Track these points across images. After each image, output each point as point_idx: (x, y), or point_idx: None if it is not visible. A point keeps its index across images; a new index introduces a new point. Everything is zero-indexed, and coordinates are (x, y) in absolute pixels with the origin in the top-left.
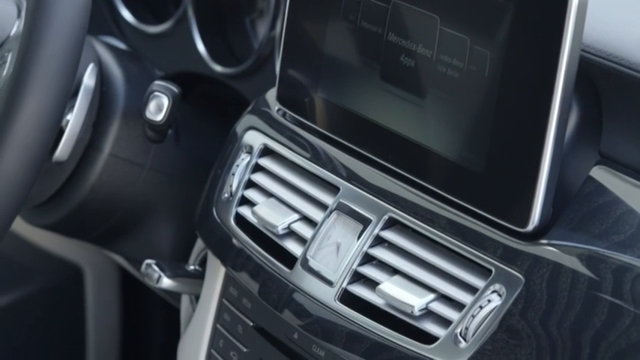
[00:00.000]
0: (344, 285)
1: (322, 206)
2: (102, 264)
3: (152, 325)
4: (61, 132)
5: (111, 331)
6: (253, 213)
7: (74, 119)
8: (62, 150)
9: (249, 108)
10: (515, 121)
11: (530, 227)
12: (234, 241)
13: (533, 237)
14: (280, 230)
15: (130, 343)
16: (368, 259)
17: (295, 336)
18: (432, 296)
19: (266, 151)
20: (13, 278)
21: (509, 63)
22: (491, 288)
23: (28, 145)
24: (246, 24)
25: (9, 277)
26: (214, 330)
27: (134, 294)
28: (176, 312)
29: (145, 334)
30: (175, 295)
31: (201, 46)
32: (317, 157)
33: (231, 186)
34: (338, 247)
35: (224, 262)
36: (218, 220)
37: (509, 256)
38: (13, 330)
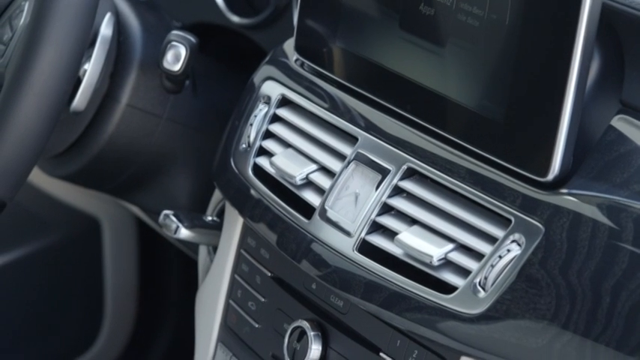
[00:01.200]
0: (362, 235)
1: (340, 156)
2: (119, 216)
3: (169, 277)
4: (79, 82)
5: (128, 283)
6: (271, 163)
7: (91, 69)
8: (80, 100)
9: (267, 58)
10: (536, 69)
11: (551, 176)
12: (252, 191)
13: (554, 186)
14: (298, 181)
15: (148, 295)
16: (386, 209)
17: (313, 286)
18: (450, 246)
19: (284, 102)
20: (30, 230)
21: (529, 11)
22: (511, 238)
23: (46, 94)
24: None
25: (27, 229)
26: (232, 280)
27: (151, 246)
28: (193, 264)
29: (162, 286)
30: (193, 247)
31: None
32: (335, 107)
33: (248, 137)
34: (356, 198)
35: (242, 212)
36: (236, 171)
37: (529, 205)
38: (31, 282)
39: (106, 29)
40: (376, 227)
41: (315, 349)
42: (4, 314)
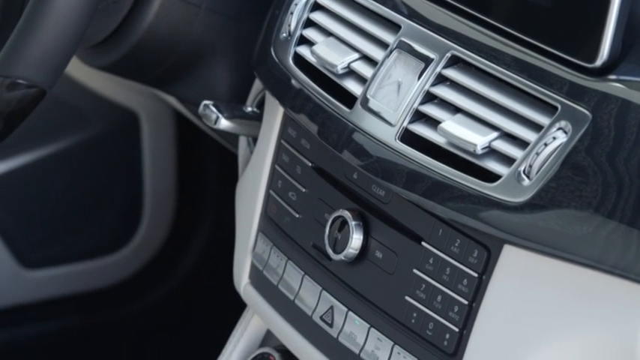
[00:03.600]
0: (405, 124)
1: (383, 45)
2: (158, 110)
3: (208, 171)
4: None
5: (167, 177)
6: (312, 52)
7: None
8: None
9: None
10: None
11: (599, 62)
12: (293, 81)
13: (602, 72)
14: (340, 69)
15: (186, 189)
16: (429, 97)
17: (355, 176)
18: (495, 134)
19: None
20: (69, 123)
21: None
22: (557, 125)
23: None
24: None
25: (66, 122)
26: (273, 171)
27: (190, 140)
28: (232, 157)
29: (201, 180)
30: (232, 139)
31: None
32: None
33: (289, 25)
34: (399, 86)
35: (283, 102)
36: (276, 61)
37: (576, 92)
38: (69, 175)
39: None
40: (419, 116)
41: (356, 238)
42: (43, 206)
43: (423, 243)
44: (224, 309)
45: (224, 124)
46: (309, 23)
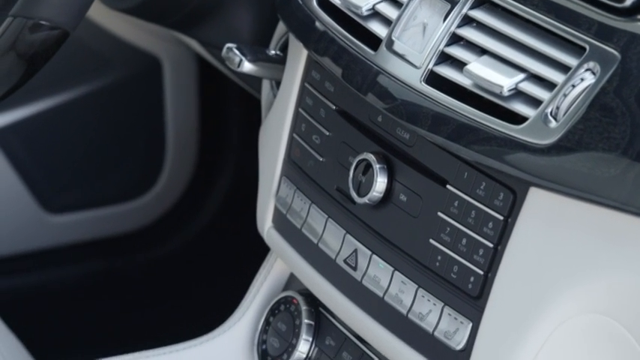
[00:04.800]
0: (430, 66)
1: None
2: (180, 55)
3: (230, 115)
4: None
5: (189, 122)
6: None
7: None
8: None
9: None
10: None
11: (628, 2)
12: (317, 23)
13: (631, 12)
14: (364, 11)
15: (209, 134)
16: (455, 39)
17: (379, 119)
18: (522, 76)
19: None
20: (92, 67)
21: None
22: (585, 66)
23: None
24: None
25: (88, 67)
26: (296, 114)
27: (212, 85)
28: (254, 101)
29: (223, 124)
30: (254, 83)
31: None
32: None
33: None
34: (424, 28)
35: (306, 45)
36: (300, 3)
37: (604, 32)
38: (91, 120)
39: None
40: (444, 58)
41: (380, 181)
42: (65, 152)
43: (448, 186)
44: (247, 253)
45: (247, 67)
46: None
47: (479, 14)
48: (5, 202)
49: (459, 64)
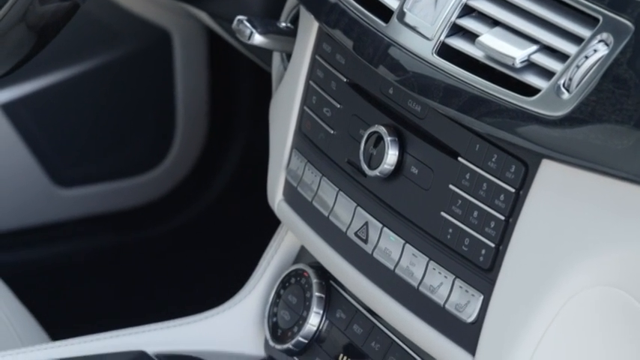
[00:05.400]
0: (442, 38)
1: None
2: (190, 28)
3: (241, 88)
4: None
5: (199, 96)
6: None
7: None
8: None
9: None
10: None
11: None
12: None
13: None
14: None
15: (219, 107)
16: (467, 11)
17: (390, 91)
18: (534, 47)
19: None
20: (102, 41)
21: None
22: (598, 37)
23: None
24: None
25: (98, 40)
26: (307, 87)
27: (222, 58)
28: (264, 74)
29: (233, 98)
30: (265, 56)
31: None
32: None
33: None
34: (436, 0)
35: (317, 17)
36: None
37: (618, 3)
38: (101, 94)
39: None
40: (456, 30)
41: (391, 154)
42: (75, 125)
43: (460, 158)
44: (258, 226)
45: (258, 39)
46: None
47: None
48: (15, 176)
49: (471, 36)
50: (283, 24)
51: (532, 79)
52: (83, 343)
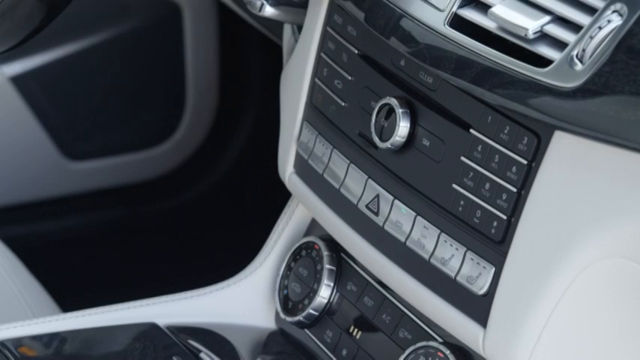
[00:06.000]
0: (454, 9)
1: None
2: (200, 1)
3: (251, 61)
4: None
5: (210, 69)
6: None
7: None
8: None
9: None
10: None
11: None
12: None
13: None
14: None
15: (229, 80)
16: None
17: (402, 63)
18: (547, 18)
19: None
20: (112, 14)
21: None
22: (612, 7)
23: None
24: None
25: (108, 13)
26: (318, 59)
27: (232, 31)
28: (275, 47)
29: (243, 71)
30: (276, 28)
31: None
32: None
33: None
34: None
35: None
36: None
37: None
38: (112, 67)
39: None
40: (469, 1)
41: (403, 126)
42: (86, 98)
43: (472, 130)
44: (268, 199)
45: (269, 11)
46: None
47: None
48: (25, 149)
49: (484, 7)
50: None
51: (545, 51)
52: (94, 315)
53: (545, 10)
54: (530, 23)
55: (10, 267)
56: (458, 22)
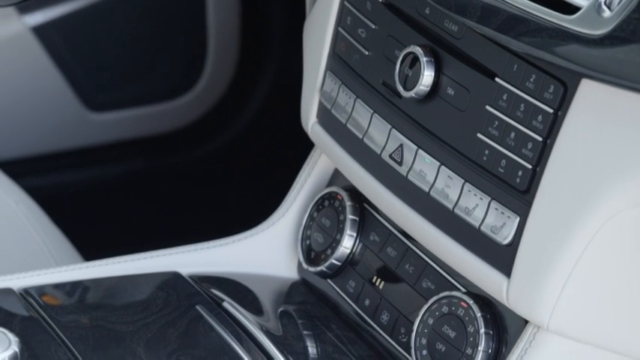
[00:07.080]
0: None
1: None
2: None
3: (273, 10)
4: None
5: (231, 18)
6: None
7: None
8: None
9: None
10: None
11: None
12: None
13: None
14: None
15: (251, 29)
16: None
17: (427, 11)
18: None
19: None
20: None
21: None
22: None
23: None
24: None
25: None
26: (342, 7)
27: None
28: None
29: (266, 19)
30: None
31: None
32: None
33: None
34: None
35: None
36: None
37: None
38: (134, 18)
39: None
40: None
41: (427, 75)
42: (107, 49)
43: (497, 79)
44: (291, 150)
45: None
46: None
47: None
48: (47, 100)
49: None
50: None
51: None
52: (117, 264)
53: None
54: None
55: (33, 217)
56: None
